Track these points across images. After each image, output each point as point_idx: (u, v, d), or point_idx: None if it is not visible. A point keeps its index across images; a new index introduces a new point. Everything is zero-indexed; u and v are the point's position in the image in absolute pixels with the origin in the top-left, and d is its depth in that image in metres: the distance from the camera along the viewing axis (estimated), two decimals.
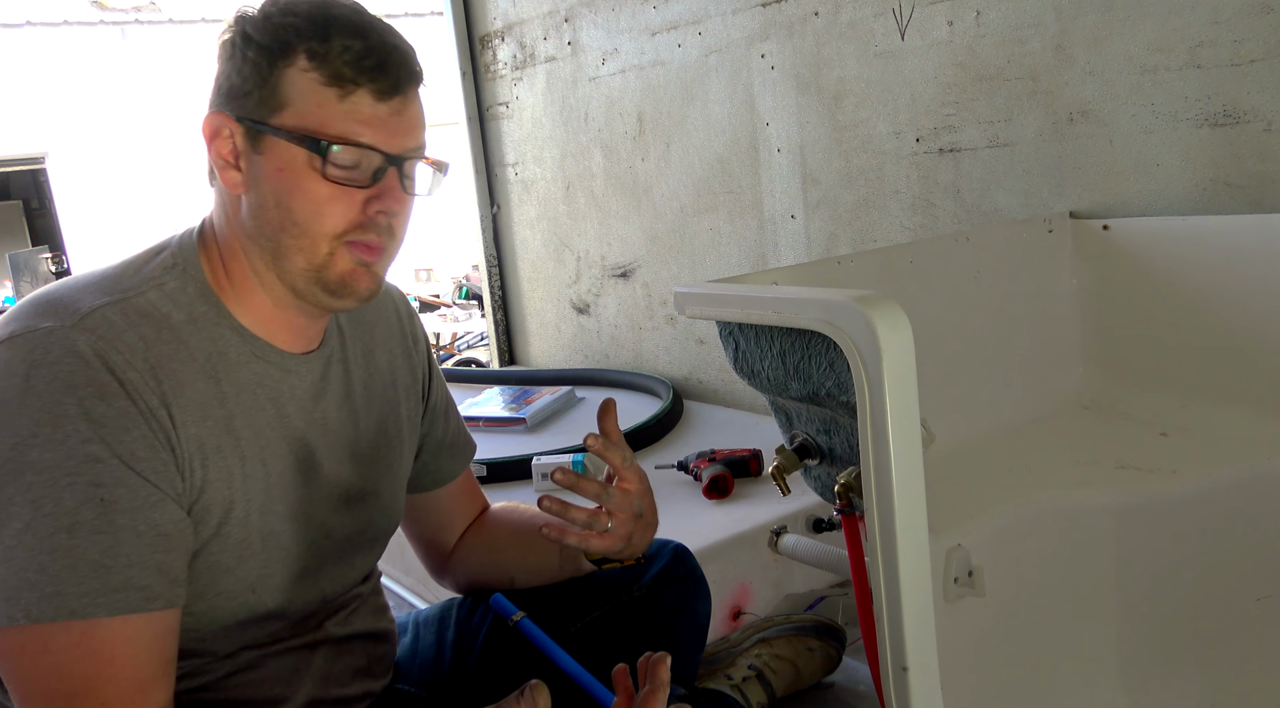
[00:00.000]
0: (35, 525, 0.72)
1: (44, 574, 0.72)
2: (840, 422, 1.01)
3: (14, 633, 0.73)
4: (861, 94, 1.91)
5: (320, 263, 0.84)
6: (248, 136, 0.83)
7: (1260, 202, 1.38)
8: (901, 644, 0.88)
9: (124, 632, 0.75)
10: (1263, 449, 1.23)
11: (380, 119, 0.83)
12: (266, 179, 0.82)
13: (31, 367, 0.74)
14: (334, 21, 0.81)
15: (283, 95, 0.81)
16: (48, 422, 0.72)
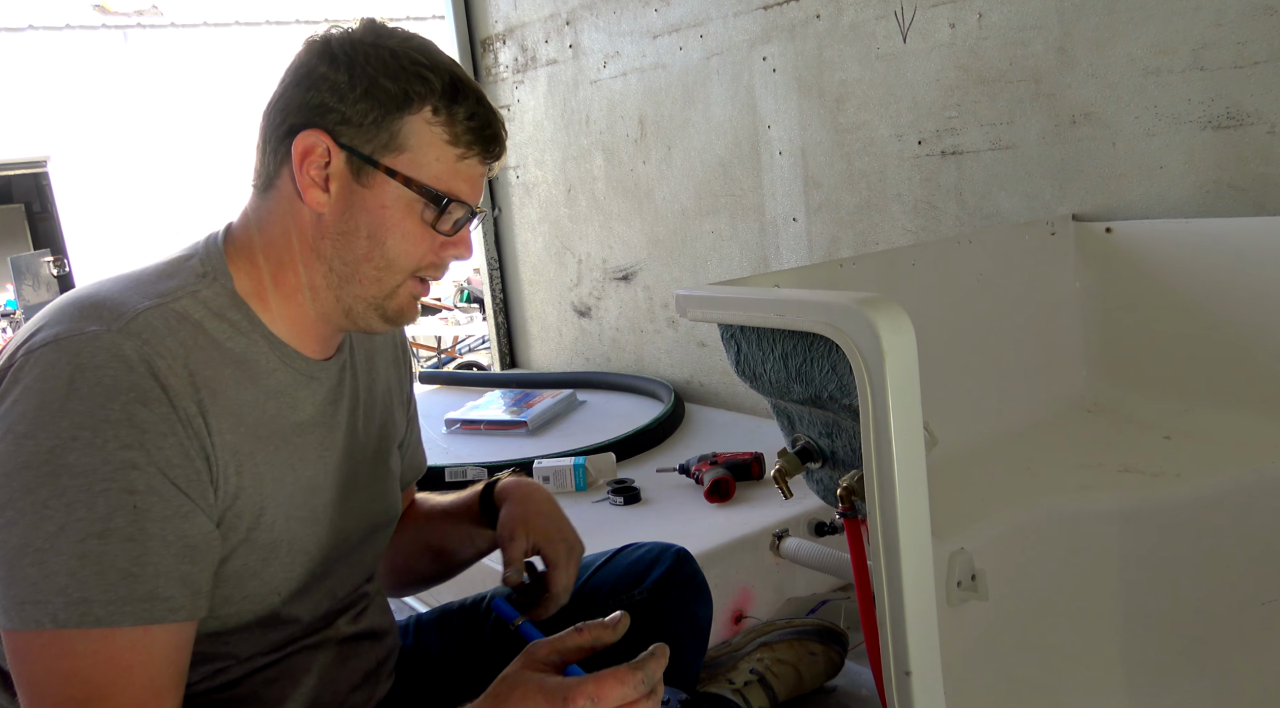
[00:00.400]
0: (68, 529, 0.72)
1: (74, 579, 0.72)
2: (843, 425, 1.01)
3: (36, 636, 0.73)
4: (863, 97, 1.91)
5: (387, 294, 0.90)
6: (350, 166, 0.86)
7: (1264, 204, 1.37)
8: (904, 649, 0.88)
9: (144, 641, 0.75)
10: (1266, 452, 1.23)
11: (477, 181, 0.92)
12: (365, 211, 0.87)
13: (76, 370, 0.74)
14: (460, 84, 0.88)
15: (402, 140, 0.86)
16: (88, 426, 0.73)
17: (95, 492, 0.72)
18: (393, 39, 0.88)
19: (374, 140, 0.85)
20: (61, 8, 9.18)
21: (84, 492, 0.72)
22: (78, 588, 0.72)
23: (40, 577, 0.72)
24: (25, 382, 0.74)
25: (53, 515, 0.72)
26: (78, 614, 0.72)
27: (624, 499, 1.79)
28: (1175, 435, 1.35)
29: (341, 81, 0.85)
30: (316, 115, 0.85)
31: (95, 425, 0.73)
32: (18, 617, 0.72)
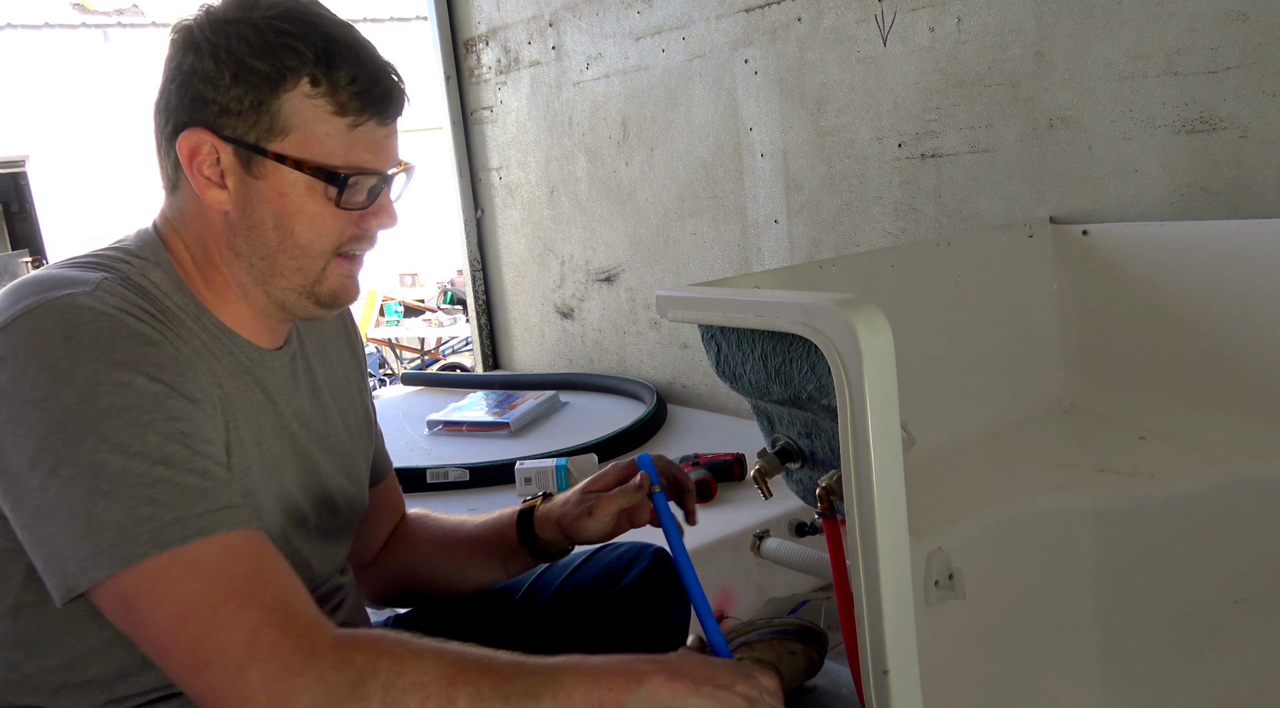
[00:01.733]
0: (130, 466, 0.71)
1: (157, 506, 0.71)
2: (822, 425, 1.02)
3: (146, 567, 0.70)
4: (844, 99, 1.92)
5: (314, 279, 0.87)
6: (239, 158, 0.82)
7: (1236, 207, 1.39)
8: (882, 647, 0.88)
9: (256, 539, 0.76)
10: (1240, 453, 1.25)
11: (380, 143, 0.86)
12: (265, 202, 0.83)
13: (68, 326, 0.73)
14: (335, 46, 0.81)
15: (284, 121, 0.81)
16: (107, 370, 0.72)
17: (141, 425, 0.72)
18: (257, 10, 0.81)
19: (257, 126, 0.81)
20: (41, 6, 9.09)
21: (132, 427, 0.71)
22: (166, 511, 0.71)
23: (123, 515, 0.70)
24: (16, 354, 0.73)
25: (110, 458, 0.70)
26: (179, 532, 0.71)
27: None
28: (1150, 436, 1.37)
29: (209, 69, 0.80)
30: (195, 111, 0.82)
31: (113, 368, 0.72)
32: (118, 559, 0.70)
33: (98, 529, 0.70)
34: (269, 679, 0.70)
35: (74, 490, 0.70)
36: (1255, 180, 1.37)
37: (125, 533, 0.70)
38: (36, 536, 0.72)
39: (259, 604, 0.72)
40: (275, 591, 0.74)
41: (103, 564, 0.70)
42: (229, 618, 0.71)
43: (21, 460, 0.71)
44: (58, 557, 0.71)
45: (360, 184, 0.85)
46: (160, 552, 0.71)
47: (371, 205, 0.87)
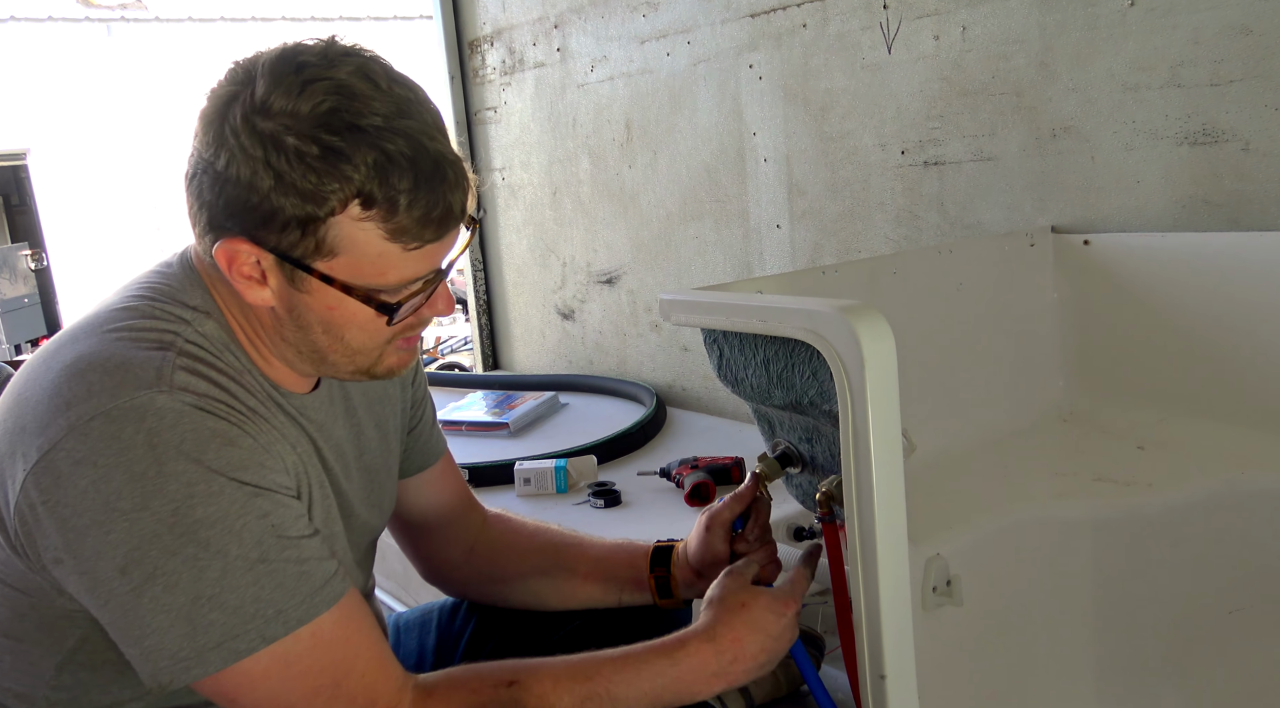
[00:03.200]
0: (231, 569, 0.74)
1: (260, 603, 0.75)
2: (822, 430, 1.02)
3: (252, 664, 0.75)
4: (848, 106, 1.93)
5: (370, 364, 0.85)
6: (282, 269, 0.77)
7: (1238, 220, 1.40)
8: (880, 653, 0.89)
9: (345, 614, 0.79)
10: (1237, 463, 1.25)
11: (435, 253, 0.80)
12: (312, 311, 0.79)
13: (151, 434, 0.72)
14: (391, 164, 0.72)
15: (333, 243, 0.75)
16: (199, 479, 0.73)
17: (237, 530, 0.74)
18: (302, 106, 0.71)
19: (301, 243, 0.74)
20: (44, 0, 9.09)
21: (228, 534, 0.73)
22: (269, 606, 0.75)
23: (228, 616, 0.74)
24: (96, 460, 0.71)
25: (210, 563, 0.73)
26: (281, 625, 0.75)
27: (605, 502, 1.80)
28: (1148, 446, 1.37)
29: (246, 177, 0.72)
30: (231, 216, 0.75)
31: (205, 476, 0.73)
32: (225, 656, 0.74)
33: (202, 630, 0.73)
34: None
35: (174, 596, 0.72)
36: (1257, 193, 1.38)
37: (232, 631, 0.74)
38: (126, 634, 0.74)
39: (344, 697, 0.79)
40: (358, 678, 0.79)
41: (209, 662, 0.74)
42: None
43: (108, 567, 0.72)
44: (151, 656, 0.74)
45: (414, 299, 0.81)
46: (267, 645, 0.75)
47: (429, 299, 0.83)
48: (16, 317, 7.89)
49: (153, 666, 0.74)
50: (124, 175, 9.06)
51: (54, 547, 0.73)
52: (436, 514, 1.14)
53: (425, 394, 1.13)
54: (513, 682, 0.83)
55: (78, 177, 9.13)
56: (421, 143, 0.74)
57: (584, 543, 1.14)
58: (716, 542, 1.07)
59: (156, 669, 0.74)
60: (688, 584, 1.10)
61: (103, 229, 8.94)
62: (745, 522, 1.08)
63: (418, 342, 0.90)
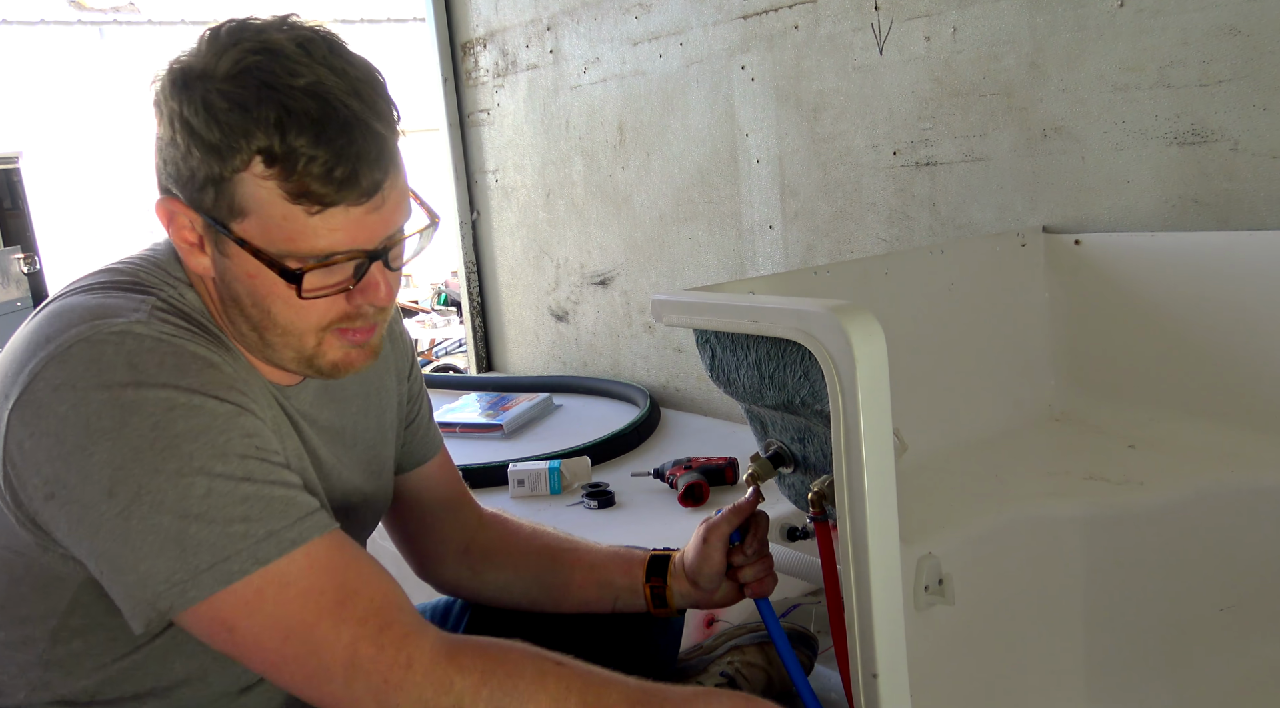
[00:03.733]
0: (216, 486, 0.71)
1: (249, 522, 0.72)
2: (814, 430, 1.02)
3: (246, 585, 0.72)
4: (840, 107, 1.93)
5: (310, 354, 0.82)
6: (209, 232, 0.77)
7: (1227, 219, 1.40)
8: (872, 651, 0.89)
9: (340, 542, 0.77)
10: (1227, 461, 1.26)
11: (357, 221, 0.75)
12: (238, 280, 0.78)
13: (131, 354, 0.72)
14: (289, 118, 0.71)
15: (241, 202, 0.74)
16: (179, 393, 0.72)
17: (219, 445, 0.72)
18: (221, 65, 0.72)
19: (218, 202, 0.74)
20: (36, 3, 9.07)
21: (210, 448, 0.71)
22: (260, 525, 0.72)
23: (217, 536, 0.71)
24: (76, 383, 0.70)
25: (195, 480, 0.71)
26: (274, 546, 0.72)
27: (598, 503, 1.80)
28: (1140, 445, 1.38)
29: (169, 137, 0.74)
30: (167, 176, 0.76)
31: (185, 391, 0.72)
32: (218, 577, 0.71)
33: (192, 551, 0.70)
34: (374, 692, 0.73)
35: (161, 515, 0.70)
36: (1245, 193, 1.38)
37: (223, 552, 0.71)
38: (119, 562, 0.71)
39: (353, 619, 0.74)
40: (366, 601, 0.75)
41: (204, 584, 0.71)
42: (326, 635, 0.73)
43: (94, 491, 0.70)
44: (146, 582, 0.71)
45: (335, 268, 0.77)
46: (261, 566, 0.72)
47: (359, 283, 0.78)
48: (8, 320, 7.86)
49: (150, 592, 0.71)
50: (117, 179, 9.04)
51: (45, 482, 0.71)
52: (432, 510, 1.13)
53: (421, 389, 1.13)
54: (559, 662, 0.78)
55: (70, 180, 9.11)
56: (335, 108, 0.72)
57: (580, 548, 1.14)
58: (714, 553, 1.07)
59: (154, 596, 0.71)
60: (683, 595, 1.10)
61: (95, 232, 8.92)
62: (744, 534, 1.08)
63: (369, 339, 0.83)
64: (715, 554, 1.06)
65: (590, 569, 1.12)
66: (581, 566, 1.12)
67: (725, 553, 1.07)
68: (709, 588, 1.08)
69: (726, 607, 1.13)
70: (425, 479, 1.12)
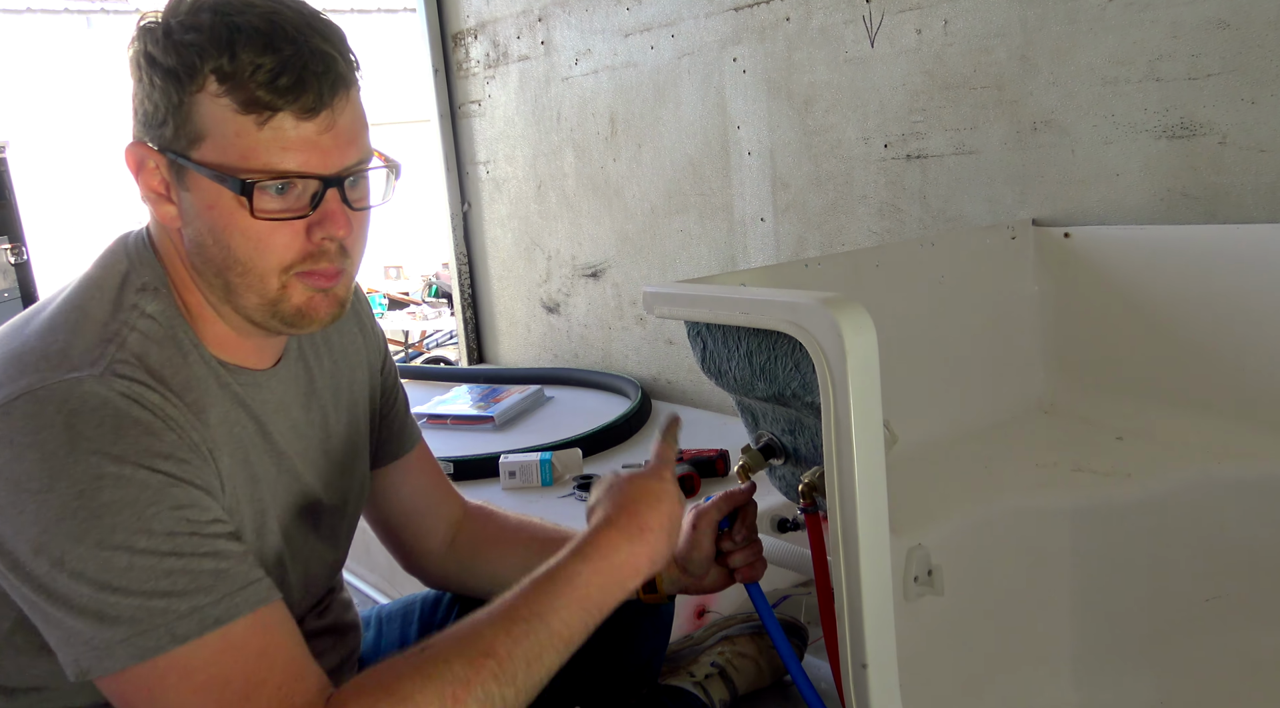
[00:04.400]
0: (139, 560, 0.70)
1: (172, 598, 0.71)
2: (805, 422, 1.03)
3: (157, 664, 0.70)
4: (831, 99, 1.94)
5: (274, 297, 0.80)
6: (172, 169, 0.78)
7: (1215, 212, 1.41)
8: (861, 641, 0.90)
9: (263, 624, 0.74)
10: (1213, 453, 1.27)
11: (308, 140, 0.76)
12: (199, 216, 0.78)
13: (71, 415, 0.71)
14: (239, 34, 0.73)
15: (198, 125, 0.75)
16: (109, 462, 0.70)
17: (147, 517, 0.71)
18: (181, 6, 0.76)
19: (179, 133, 0.76)
20: None
21: (136, 520, 0.70)
22: (182, 602, 0.71)
23: (135, 608, 0.70)
24: (13, 439, 0.70)
25: (115, 555, 0.70)
26: (196, 624, 0.71)
27: None
28: (1127, 437, 1.39)
29: (134, 79, 0.78)
30: (135, 124, 0.79)
31: (115, 461, 0.70)
32: (131, 652, 0.70)
33: (110, 622, 0.70)
34: None
35: (81, 585, 0.69)
36: (1233, 186, 1.39)
37: (140, 626, 0.70)
38: (45, 616, 0.72)
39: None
40: (272, 689, 0.73)
41: (118, 656, 0.70)
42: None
43: (24, 548, 0.70)
44: (70, 640, 0.71)
45: (291, 195, 0.77)
46: (178, 645, 0.70)
47: (315, 214, 0.78)
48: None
49: (73, 652, 0.71)
50: (105, 168, 8.97)
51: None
52: (413, 505, 1.13)
53: (396, 382, 1.12)
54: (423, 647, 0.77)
55: (58, 169, 9.04)
56: (283, 27, 0.75)
57: (568, 537, 1.14)
58: (703, 539, 1.07)
59: (77, 656, 0.71)
60: (672, 580, 1.11)
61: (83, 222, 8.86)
62: (733, 522, 1.09)
63: (334, 285, 0.82)
64: (704, 540, 1.07)
65: None
66: None
67: (715, 539, 1.07)
68: (698, 573, 1.08)
69: (715, 592, 1.13)
70: (404, 473, 1.11)
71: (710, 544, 1.07)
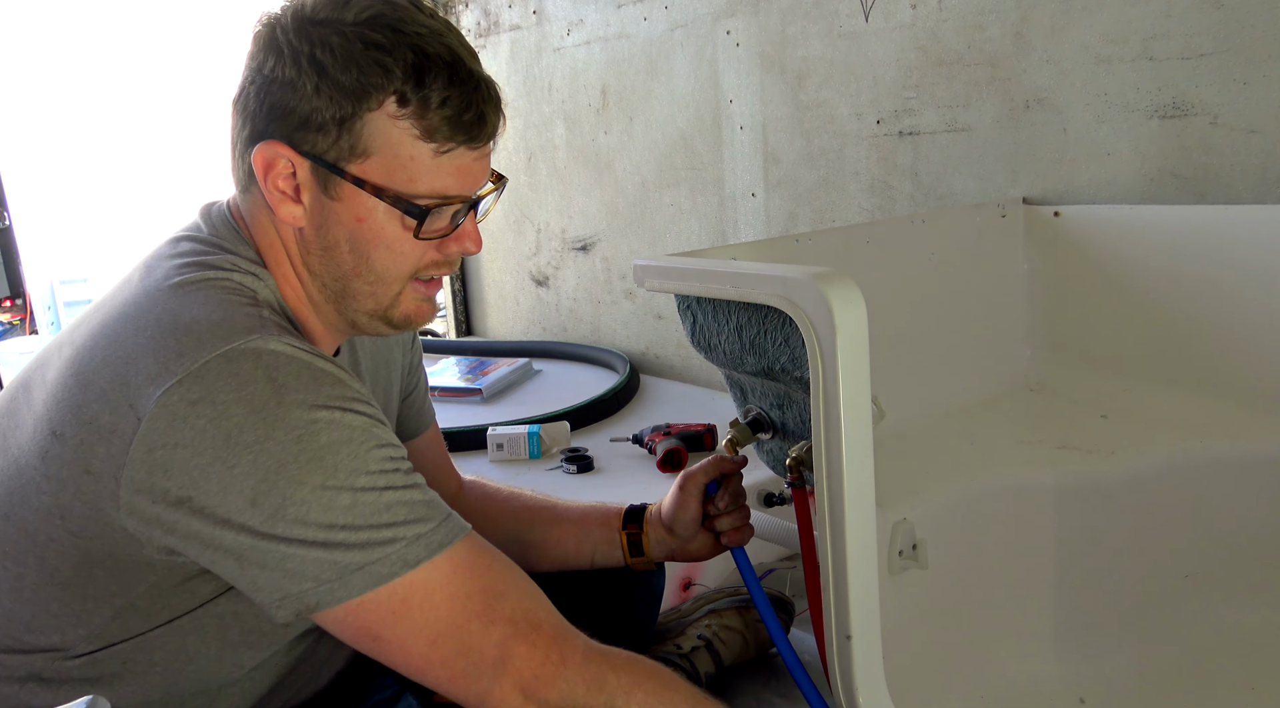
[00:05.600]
0: (361, 497, 0.72)
1: (396, 528, 0.73)
2: (794, 397, 1.03)
3: (393, 590, 0.73)
4: (825, 74, 1.93)
5: (388, 304, 0.84)
6: (316, 176, 0.78)
7: (1204, 193, 1.42)
8: (846, 614, 0.91)
9: (482, 544, 0.79)
10: (1195, 432, 1.28)
11: (471, 168, 0.81)
12: (341, 225, 0.80)
13: (269, 369, 0.72)
14: (427, 62, 0.75)
15: (366, 142, 0.76)
16: (318, 409, 0.72)
17: (362, 456, 0.73)
18: (348, 13, 0.76)
19: (337, 144, 0.76)
20: None
21: (352, 460, 0.72)
22: (406, 530, 0.73)
23: (364, 540, 0.72)
24: (215, 398, 0.70)
25: (340, 492, 0.72)
26: (424, 547, 0.74)
27: (577, 468, 1.81)
28: (1112, 415, 1.40)
29: (291, 77, 0.75)
30: (272, 121, 0.77)
31: (323, 407, 0.72)
32: (367, 580, 0.72)
33: (340, 554, 0.72)
34: (522, 688, 0.76)
35: (308, 528, 0.71)
36: (1224, 167, 1.40)
37: (371, 555, 0.72)
38: (267, 561, 0.72)
39: (502, 619, 0.76)
40: (514, 602, 0.77)
41: (352, 584, 0.72)
42: (476, 636, 0.75)
43: (237, 501, 0.70)
44: (291, 577, 0.72)
45: (444, 212, 0.81)
46: (410, 570, 0.73)
47: (454, 231, 0.83)
48: None
49: (297, 588, 0.72)
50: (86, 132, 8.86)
51: (179, 488, 0.70)
52: None
53: (420, 363, 1.15)
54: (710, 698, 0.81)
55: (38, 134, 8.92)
56: (460, 56, 0.78)
57: (559, 506, 1.16)
58: (690, 500, 1.09)
59: (301, 592, 0.72)
60: (659, 541, 1.12)
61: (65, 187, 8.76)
62: (719, 486, 1.10)
63: (437, 291, 0.88)
64: (692, 501, 1.08)
65: (567, 524, 1.14)
66: (559, 521, 1.14)
67: (701, 501, 1.09)
68: (685, 536, 1.10)
69: (703, 560, 1.15)
70: (416, 454, 1.13)
71: (697, 506, 1.09)
